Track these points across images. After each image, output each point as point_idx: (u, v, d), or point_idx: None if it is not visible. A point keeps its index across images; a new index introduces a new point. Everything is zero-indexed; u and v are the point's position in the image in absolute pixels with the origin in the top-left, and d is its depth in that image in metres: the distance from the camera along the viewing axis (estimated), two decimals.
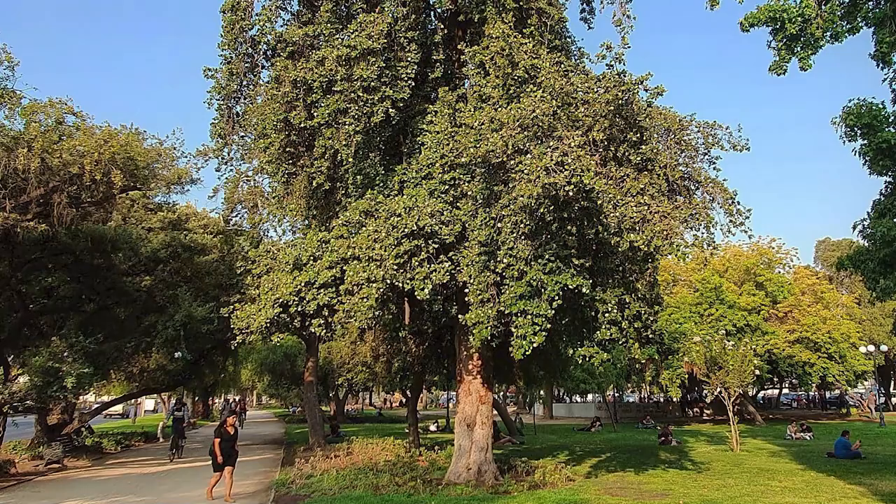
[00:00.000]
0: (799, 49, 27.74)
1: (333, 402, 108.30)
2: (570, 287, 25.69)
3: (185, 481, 38.31)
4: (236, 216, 48.80)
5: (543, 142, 24.29)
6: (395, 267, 27.82)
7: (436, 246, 28.95)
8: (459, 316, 29.95)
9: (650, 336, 31.87)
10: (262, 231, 45.66)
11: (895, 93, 28.62)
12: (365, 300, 27.46)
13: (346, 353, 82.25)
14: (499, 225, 27.33)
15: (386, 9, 30.62)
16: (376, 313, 28.77)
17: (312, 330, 30.30)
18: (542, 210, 24.62)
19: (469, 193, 29.75)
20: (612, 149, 26.33)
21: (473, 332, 28.00)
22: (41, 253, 46.25)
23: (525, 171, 23.64)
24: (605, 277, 29.54)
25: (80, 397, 60.47)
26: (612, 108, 25.19)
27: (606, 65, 26.62)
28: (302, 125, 30.28)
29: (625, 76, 25.93)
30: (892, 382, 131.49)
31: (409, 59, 30.75)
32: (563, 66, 28.09)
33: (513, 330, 26.60)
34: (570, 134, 24.04)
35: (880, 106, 30.68)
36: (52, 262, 48.87)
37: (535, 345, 25.75)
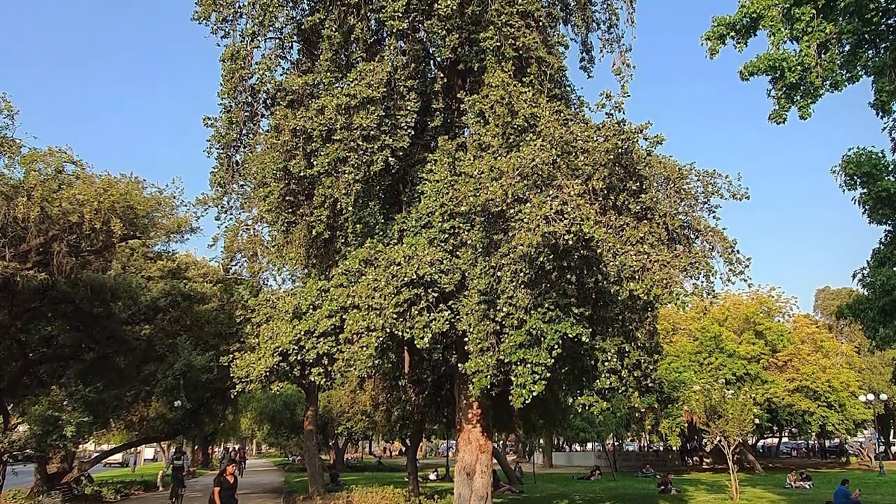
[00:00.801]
0: (798, 98, 27.77)
1: (333, 451, 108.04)
2: (570, 336, 25.61)
3: None
4: (236, 265, 48.74)
5: (543, 190, 24.28)
6: (395, 316, 27.73)
7: (435, 295, 28.88)
8: (459, 364, 29.82)
9: (650, 385, 31.74)
10: (262, 280, 45.62)
11: (895, 141, 28.64)
12: (364, 349, 27.37)
13: (346, 402, 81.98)
14: (498, 274, 27.27)
15: (386, 57, 30.76)
16: (376, 362, 28.75)
17: (312, 379, 30.17)
18: (541, 259, 24.62)
19: (469, 242, 29.73)
20: (612, 197, 26.31)
21: (473, 380, 27.89)
22: (41, 302, 46.17)
23: (525, 220, 23.61)
24: (605, 326, 29.47)
25: (80, 446, 60.42)
26: (611, 156, 25.19)
27: (606, 113, 26.68)
28: (301, 174, 30.29)
29: (624, 125, 25.96)
30: (892, 431, 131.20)
31: (408, 107, 30.81)
32: (562, 114, 28.12)
33: (512, 379, 26.50)
34: (570, 183, 24.03)
35: (880, 155, 30.70)
36: (52, 311, 48.79)
37: (534, 393, 25.68)
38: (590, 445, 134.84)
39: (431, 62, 36.87)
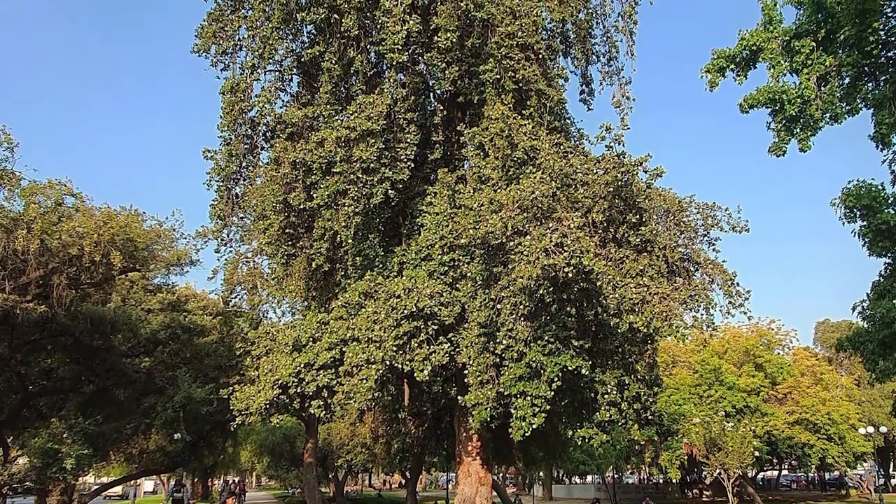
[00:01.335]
0: (798, 130, 27.79)
1: (333, 483, 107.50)
2: (570, 368, 25.66)
3: None
4: (236, 297, 48.85)
5: (543, 223, 24.32)
6: (395, 348, 27.73)
7: (435, 327, 28.88)
8: (459, 397, 29.79)
9: (649, 417, 31.72)
10: (262, 312, 45.69)
11: (894, 174, 28.63)
12: (364, 381, 27.36)
13: (346, 435, 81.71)
14: (498, 306, 27.29)
15: (385, 90, 30.79)
16: (376, 394, 28.74)
17: (312, 411, 30.14)
18: (541, 291, 24.62)
19: (468, 275, 29.74)
20: (612, 230, 26.36)
21: (473, 413, 27.90)
22: (40, 334, 46.06)
23: (524, 253, 23.67)
24: (605, 358, 29.50)
25: (80, 478, 60.05)
26: (611, 189, 25.25)
27: (606, 146, 26.80)
28: (301, 206, 30.32)
29: (624, 157, 26.05)
30: (892, 464, 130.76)
31: (408, 140, 30.84)
32: (562, 147, 28.19)
33: (512, 411, 26.53)
34: (570, 215, 24.08)
35: (879, 187, 30.69)
36: (52, 344, 48.67)
37: (534, 426, 25.76)
38: (590, 478, 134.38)
39: (431, 94, 36.98)
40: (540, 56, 32.45)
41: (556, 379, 25.65)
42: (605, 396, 28.26)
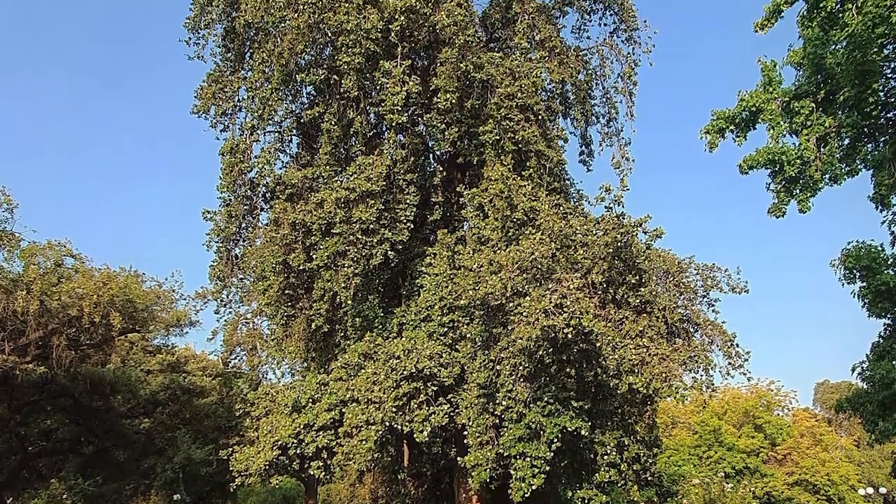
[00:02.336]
0: (798, 191, 27.87)
1: None
2: (570, 429, 25.63)
3: None
4: (235, 358, 48.68)
5: (542, 284, 24.33)
6: (394, 409, 27.67)
7: (435, 388, 28.81)
8: (458, 458, 29.72)
9: (649, 478, 31.56)
10: (261, 373, 45.57)
11: (894, 235, 28.64)
12: (364, 442, 27.29)
13: (345, 496, 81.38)
14: (498, 367, 27.21)
15: (385, 151, 30.85)
16: (375, 455, 28.62)
17: (311, 472, 30.07)
18: (541, 352, 24.59)
19: (468, 336, 29.67)
20: (611, 291, 26.38)
21: (472, 474, 27.80)
22: (40, 395, 46.09)
23: (524, 314, 23.66)
24: (604, 419, 29.42)
25: None
26: (610, 250, 25.31)
27: (605, 207, 26.91)
28: (301, 267, 30.25)
29: (623, 218, 26.14)
30: None
31: (408, 201, 30.85)
32: (561, 208, 28.31)
33: (512, 472, 26.46)
34: (569, 276, 24.10)
35: (879, 248, 30.77)
36: (51, 405, 48.70)
37: (534, 487, 25.77)
38: None
39: (431, 155, 37.07)
40: (539, 117, 32.55)
41: (555, 440, 25.60)
42: (605, 457, 28.19)
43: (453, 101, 30.04)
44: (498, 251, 26.71)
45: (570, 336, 23.38)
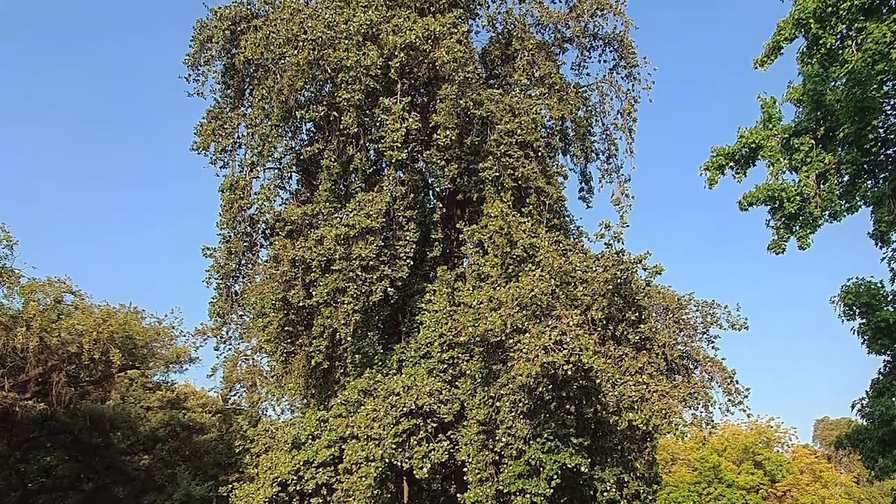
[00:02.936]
0: (797, 228, 27.91)
1: None
2: (569, 466, 25.62)
3: None
4: (235, 395, 48.55)
5: (542, 321, 24.34)
6: (394, 446, 27.58)
7: (434, 425, 28.73)
8: (458, 495, 29.56)
9: None
10: (261, 410, 45.43)
11: (894, 272, 28.62)
12: (363, 479, 27.23)
13: None
14: (497, 404, 27.17)
15: (385, 188, 30.84)
16: (375, 492, 28.48)
17: None
18: (540, 389, 24.55)
19: (468, 372, 29.61)
20: (611, 328, 26.38)
21: None
22: (40, 432, 46.05)
23: (524, 350, 23.66)
24: (604, 456, 29.35)
25: None
26: (610, 287, 25.33)
27: (605, 243, 26.96)
28: (300, 304, 30.21)
29: (623, 255, 26.18)
30: None
31: (407, 238, 30.85)
32: (561, 244, 28.35)
33: None
34: (569, 313, 24.10)
35: (879, 285, 30.72)
36: (51, 441, 48.65)
37: None
38: None
39: (430, 192, 37.07)
40: (539, 153, 32.59)
41: (555, 476, 25.57)
42: (605, 494, 28.11)
43: (453, 137, 30.06)
44: (498, 288, 26.72)
45: (569, 373, 23.37)
